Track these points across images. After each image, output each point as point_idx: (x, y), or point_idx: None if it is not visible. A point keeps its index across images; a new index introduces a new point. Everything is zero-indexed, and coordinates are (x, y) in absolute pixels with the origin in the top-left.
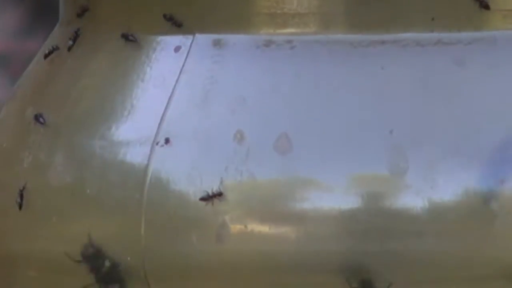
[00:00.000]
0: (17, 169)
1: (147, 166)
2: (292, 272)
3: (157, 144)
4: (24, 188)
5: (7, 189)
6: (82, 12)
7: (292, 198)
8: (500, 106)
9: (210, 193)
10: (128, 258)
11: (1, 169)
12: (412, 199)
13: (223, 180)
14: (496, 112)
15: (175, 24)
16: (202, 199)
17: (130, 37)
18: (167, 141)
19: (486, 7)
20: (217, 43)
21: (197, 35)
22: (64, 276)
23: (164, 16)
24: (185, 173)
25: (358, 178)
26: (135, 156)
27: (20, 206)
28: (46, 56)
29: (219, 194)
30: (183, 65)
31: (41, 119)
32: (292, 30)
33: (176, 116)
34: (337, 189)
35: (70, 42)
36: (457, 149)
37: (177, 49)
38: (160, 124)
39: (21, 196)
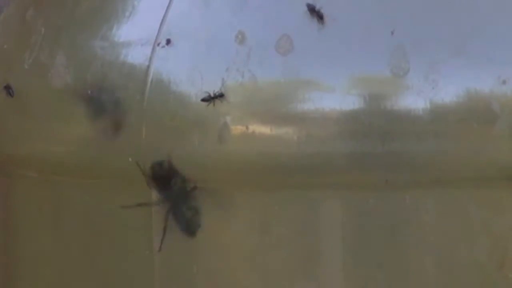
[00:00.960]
0: (18, 70)
1: (148, 67)
2: (293, 173)
3: (158, 45)
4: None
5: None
6: None
7: (293, 99)
8: (502, 7)
9: (212, 94)
10: (129, 159)
11: (2, 70)
12: (413, 100)
13: (224, 81)
14: (498, 13)
15: None
16: (204, 100)
17: None
18: (168, 42)
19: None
20: None
21: None
22: (64, 177)
23: None
24: (186, 74)
25: (360, 79)
26: (136, 57)
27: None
28: None
29: (221, 95)
30: None
31: (10, 91)
32: None
33: (177, 17)
34: (338, 90)
35: None
36: (459, 50)
37: None
38: (161, 24)
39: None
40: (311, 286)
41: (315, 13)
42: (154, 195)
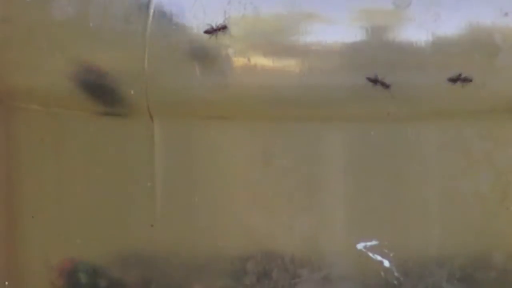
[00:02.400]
0: (21, 3)
1: None
2: (295, 105)
3: None
4: None
5: (10, 23)
6: None
7: (295, 32)
8: None
9: (214, 26)
10: (132, 92)
11: (4, 3)
12: (416, 32)
13: (227, 13)
14: None
15: None
16: (206, 32)
17: None
18: None
19: None
20: None
21: None
22: (65, 109)
23: None
24: (188, 6)
25: (362, 11)
26: None
27: None
28: None
29: (223, 28)
30: None
31: None
32: None
33: None
34: (340, 23)
35: None
36: None
37: None
38: None
39: None
40: (313, 218)
41: (378, 82)
42: (156, 127)
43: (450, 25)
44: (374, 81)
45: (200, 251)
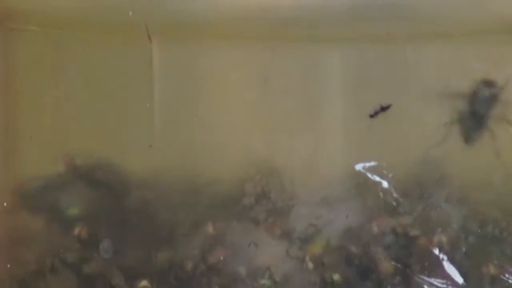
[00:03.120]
0: None
1: None
2: (293, 25)
3: None
4: None
5: None
6: None
7: None
8: None
9: None
10: (130, 13)
11: None
12: None
13: None
14: None
15: None
16: None
17: None
18: None
19: None
20: None
21: None
22: (65, 31)
23: None
24: None
25: None
26: None
27: None
28: None
29: None
30: None
31: None
32: None
33: None
34: None
35: None
36: None
37: None
38: None
39: None
40: (311, 139)
41: (380, 110)
42: (154, 48)
43: None
44: (376, 113)
45: (198, 172)
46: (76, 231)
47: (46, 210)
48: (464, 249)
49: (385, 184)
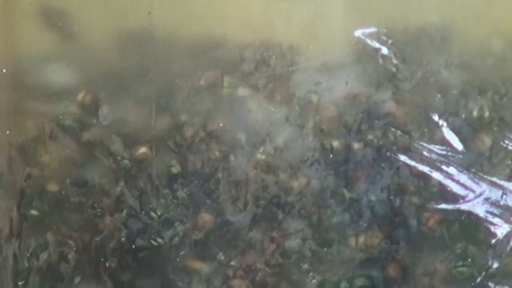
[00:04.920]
0: None
1: None
2: None
3: None
4: None
5: None
6: None
7: None
8: None
9: None
10: None
11: None
12: None
13: None
14: None
15: None
16: None
17: None
18: None
19: None
20: None
21: None
22: None
23: None
24: None
25: None
26: None
27: None
28: None
29: None
30: None
31: None
32: None
33: None
34: None
35: None
36: None
37: None
38: None
39: None
40: (311, 6)
41: None
42: None
43: None
44: None
45: (197, 38)
46: (80, 96)
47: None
48: (463, 116)
49: (384, 50)
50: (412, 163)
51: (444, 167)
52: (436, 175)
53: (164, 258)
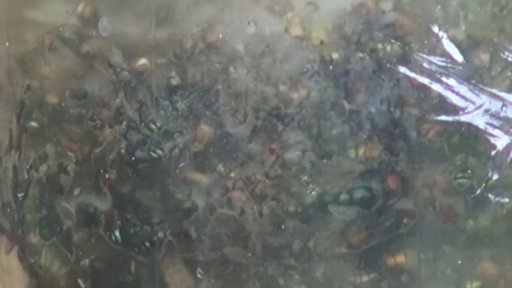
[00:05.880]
0: None
1: None
2: None
3: None
4: None
5: None
6: None
7: None
8: None
9: None
10: None
11: None
12: None
13: None
14: None
15: None
16: None
17: None
18: None
19: None
20: None
21: None
22: None
23: None
24: None
25: None
26: None
27: None
28: None
29: None
30: None
31: None
32: None
33: None
34: None
35: None
36: None
37: None
38: None
39: None
40: None
41: None
42: None
43: None
44: None
45: None
46: (80, 8)
47: None
48: (463, 27)
49: None
50: (412, 74)
51: (444, 79)
52: (436, 87)
53: (164, 170)
